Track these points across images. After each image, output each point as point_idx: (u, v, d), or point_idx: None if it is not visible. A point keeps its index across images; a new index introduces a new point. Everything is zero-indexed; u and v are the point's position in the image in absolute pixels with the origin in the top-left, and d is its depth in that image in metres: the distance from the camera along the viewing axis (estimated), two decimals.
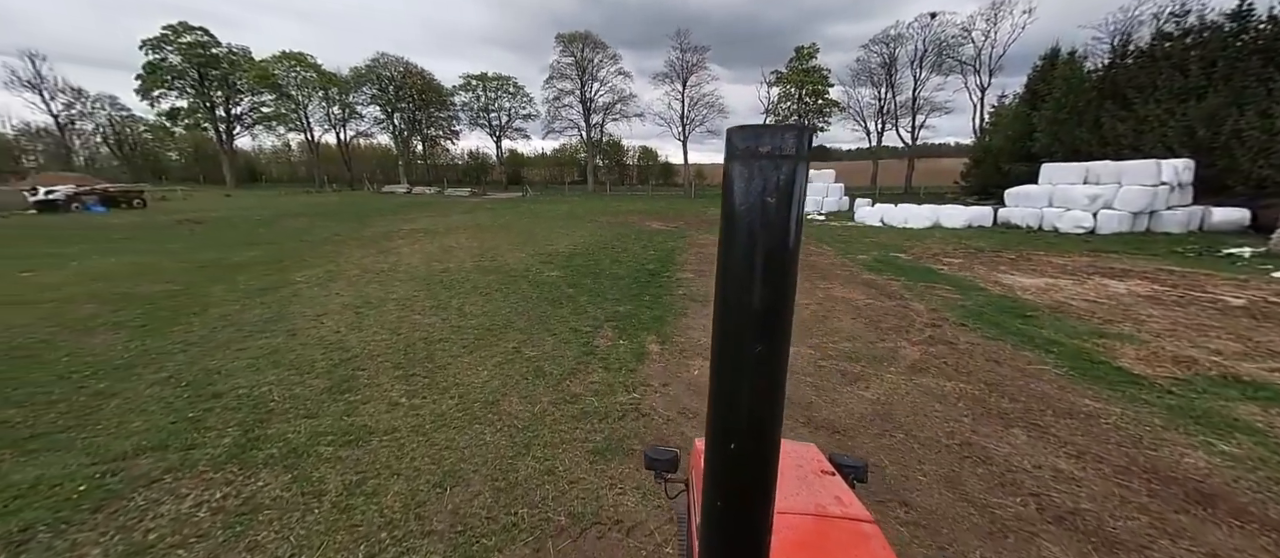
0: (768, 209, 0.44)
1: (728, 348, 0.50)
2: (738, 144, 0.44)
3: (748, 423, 0.50)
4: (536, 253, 11.52)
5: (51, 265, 9.99)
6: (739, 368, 0.49)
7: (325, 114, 53.64)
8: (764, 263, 0.45)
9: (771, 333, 0.47)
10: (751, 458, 0.52)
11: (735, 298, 0.47)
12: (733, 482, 0.54)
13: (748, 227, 0.45)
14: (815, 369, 4.60)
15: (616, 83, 42.84)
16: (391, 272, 9.40)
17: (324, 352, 5.20)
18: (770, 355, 0.48)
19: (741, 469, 0.52)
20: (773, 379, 0.49)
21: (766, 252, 0.45)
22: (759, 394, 0.49)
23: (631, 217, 21.24)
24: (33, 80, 51.08)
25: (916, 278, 8.53)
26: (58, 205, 21.15)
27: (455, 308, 6.93)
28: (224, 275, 9.05)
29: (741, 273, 0.46)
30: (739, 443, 0.51)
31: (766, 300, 0.46)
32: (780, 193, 0.43)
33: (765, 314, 0.46)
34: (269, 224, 18.15)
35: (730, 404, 0.51)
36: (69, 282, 8.52)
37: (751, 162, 0.43)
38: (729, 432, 0.51)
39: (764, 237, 0.44)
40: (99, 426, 3.66)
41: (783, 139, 0.42)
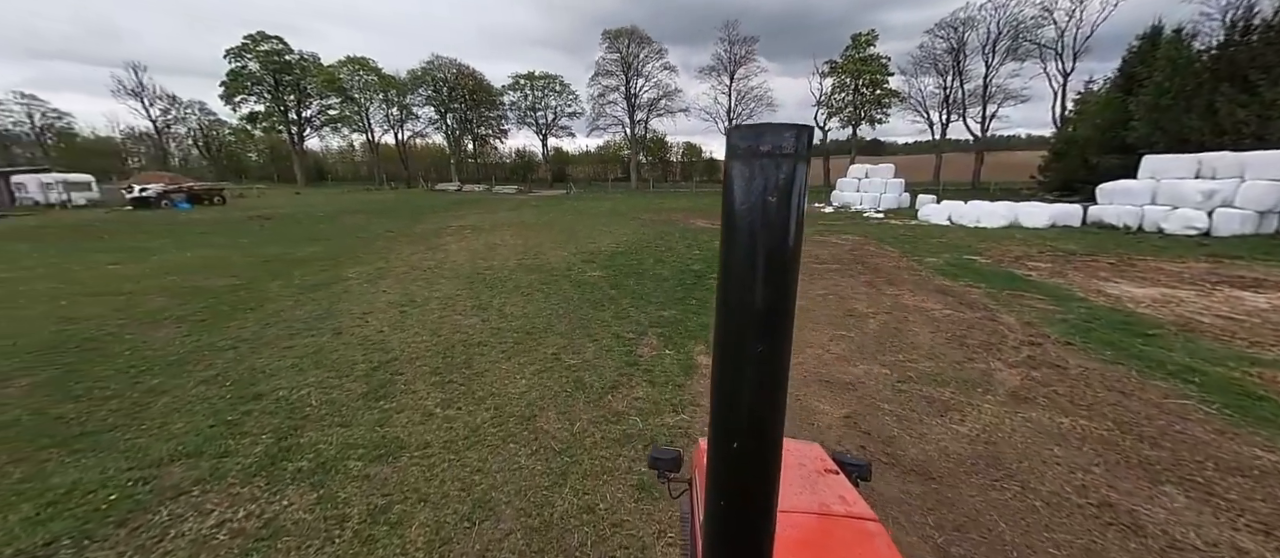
0: (769, 208, 0.43)
1: (730, 347, 0.49)
2: (738, 143, 0.44)
3: (750, 422, 0.50)
4: (579, 251, 11.29)
5: (135, 258, 10.76)
6: (741, 367, 0.48)
7: (385, 115, 56.34)
8: (765, 262, 0.44)
9: (773, 332, 0.46)
10: (754, 457, 0.51)
11: (737, 297, 0.46)
12: (735, 481, 0.53)
13: (749, 226, 0.44)
14: (894, 394, 3.99)
15: (662, 78, 42.36)
16: (437, 269, 9.42)
17: (365, 352, 5.10)
18: (772, 354, 0.47)
19: (744, 468, 0.52)
20: (775, 378, 0.49)
21: (768, 251, 0.44)
22: (761, 393, 0.49)
23: (675, 214, 20.74)
24: (136, 89, 56.78)
25: (999, 284, 7.57)
26: (150, 202, 23.25)
27: (496, 308, 6.75)
28: (283, 271, 9.37)
29: (743, 272, 0.46)
30: (741, 442, 0.50)
31: (768, 300, 0.45)
32: (781, 192, 0.42)
33: (767, 313, 0.46)
34: (330, 220, 19.04)
35: (732, 403, 0.50)
36: (147, 274, 9.07)
37: (752, 161, 0.43)
38: (731, 431, 0.51)
39: (765, 236, 0.44)
40: (144, 425, 3.64)
41: (782, 138, 0.42)
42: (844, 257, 10.29)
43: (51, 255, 11.20)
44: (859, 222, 17.08)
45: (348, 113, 55.46)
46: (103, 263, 10.17)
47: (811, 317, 6.14)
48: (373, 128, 57.25)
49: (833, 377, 4.33)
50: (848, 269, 8.99)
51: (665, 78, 42.89)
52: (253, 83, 52.65)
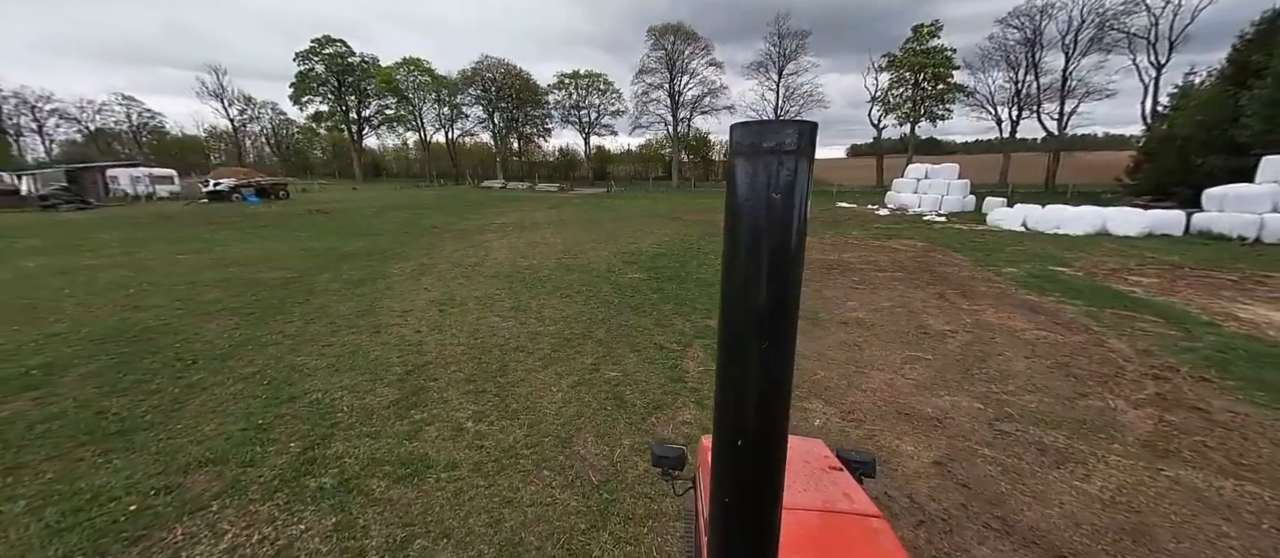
0: (772, 206, 0.43)
1: (734, 345, 0.49)
2: (741, 140, 0.44)
3: (754, 420, 0.49)
4: (619, 252, 10.96)
5: (202, 249, 11.34)
6: (745, 365, 0.48)
7: (437, 115, 58.49)
8: (769, 260, 0.44)
9: (777, 330, 0.46)
10: (758, 454, 0.51)
11: (740, 295, 0.46)
12: (740, 478, 0.53)
13: (752, 223, 0.44)
14: (993, 435, 3.36)
15: (707, 74, 41.47)
16: (478, 267, 9.34)
17: (401, 354, 4.94)
18: (776, 352, 0.47)
19: (748, 466, 0.51)
20: (779, 375, 0.48)
21: (771, 248, 0.44)
22: (765, 391, 0.48)
23: (718, 215, 19.94)
24: (216, 91, 61.65)
25: (1098, 302, 6.60)
26: (223, 195, 24.96)
27: (534, 310, 6.50)
28: (332, 264, 9.56)
29: (747, 270, 0.45)
30: (746, 440, 0.50)
31: (772, 297, 0.45)
32: (784, 189, 0.43)
33: (771, 311, 0.45)
34: (381, 215, 19.67)
35: (737, 401, 0.50)
36: (209, 265, 9.48)
37: (755, 158, 0.43)
38: (735, 428, 0.50)
39: (768, 233, 0.44)
40: (178, 425, 3.56)
41: (786, 135, 0.42)
42: (908, 264, 9.43)
43: (131, 245, 12.00)
44: (919, 225, 15.88)
45: (403, 112, 57.95)
46: (173, 254, 10.76)
47: (878, 333, 5.50)
48: (425, 126, 59.55)
49: (912, 409, 3.74)
50: (914, 279, 8.18)
51: (710, 74, 42.09)
52: (318, 84, 55.84)
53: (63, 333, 5.50)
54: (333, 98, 56.69)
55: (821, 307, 6.57)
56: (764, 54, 38.95)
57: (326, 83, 55.73)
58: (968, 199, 21.22)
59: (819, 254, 10.63)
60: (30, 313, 6.28)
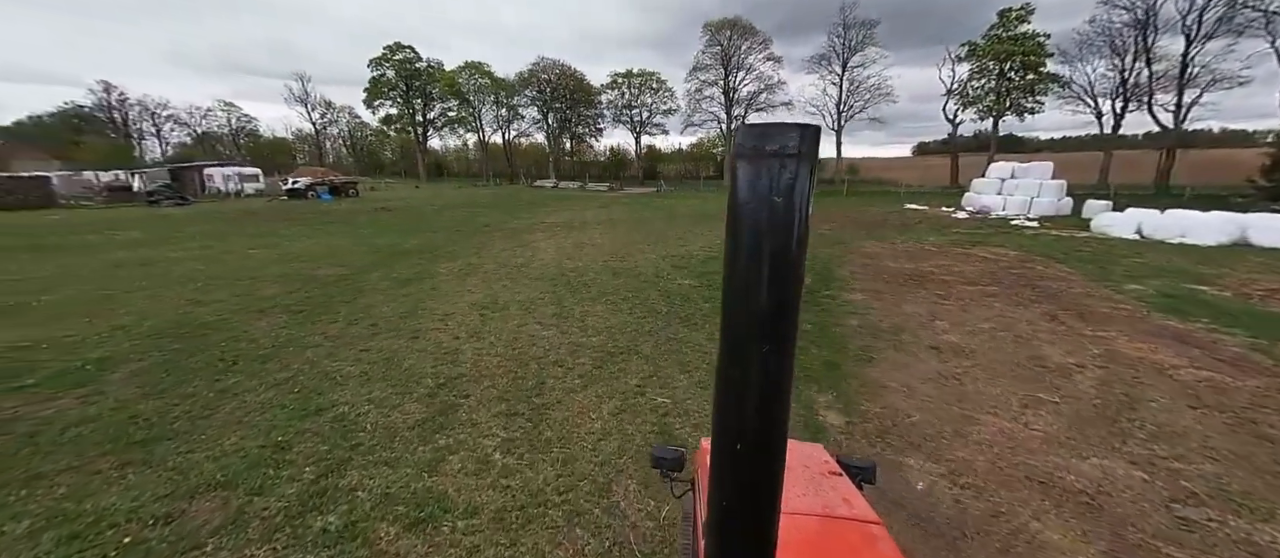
0: (774, 209, 0.43)
1: (734, 348, 0.49)
2: (744, 143, 0.43)
3: (754, 423, 0.49)
4: (668, 255, 10.37)
5: (272, 244, 11.90)
6: (745, 368, 0.48)
7: (495, 116, 60.49)
8: (770, 263, 0.44)
9: (778, 333, 0.46)
10: (758, 458, 0.50)
11: (742, 298, 0.46)
12: (739, 482, 0.52)
13: (754, 226, 0.44)
14: (1178, 528, 2.47)
15: (764, 70, 39.72)
16: (524, 268, 9.08)
17: (435, 364, 4.62)
18: (777, 355, 0.46)
19: (747, 470, 0.51)
20: (779, 379, 0.48)
21: (773, 252, 0.44)
22: (765, 394, 0.48)
23: None
24: (301, 96, 67.10)
25: (1266, 332, 5.26)
26: (300, 192, 26.78)
27: (577, 318, 6.06)
28: (385, 262, 9.65)
29: (748, 273, 0.45)
30: (745, 443, 0.50)
31: (773, 301, 0.45)
32: (786, 192, 0.42)
33: (772, 314, 0.45)
34: (439, 213, 20.21)
35: (736, 404, 0.49)
36: (275, 260, 9.83)
37: (758, 161, 0.42)
38: (735, 432, 0.50)
39: (770, 237, 0.43)
40: (201, 436, 3.37)
41: (789, 138, 0.41)
42: (1002, 276, 8.19)
43: (211, 239, 12.84)
44: (1007, 231, 14.14)
45: (464, 115, 60.36)
46: (245, 248, 11.34)
47: (981, 363, 4.58)
48: (484, 128, 61.73)
49: (1048, 475, 2.90)
50: (1014, 294, 7.02)
51: (768, 70, 40.38)
52: (389, 88, 59.22)
53: (127, 326, 5.67)
54: (401, 101, 59.93)
55: (904, 326, 5.67)
56: (827, 46, 36.83)
57: (396, 87, 58.99)
58: (1063, 201, 18.83)
59: (893, 262, 9.53)
60: (106, 304, 6.60)
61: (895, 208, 22.04)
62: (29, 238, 13.09)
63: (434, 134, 64.82)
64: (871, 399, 3.87)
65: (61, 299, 6.87)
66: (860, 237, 13.03)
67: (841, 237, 12.99)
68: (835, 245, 11.60)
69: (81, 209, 22.42)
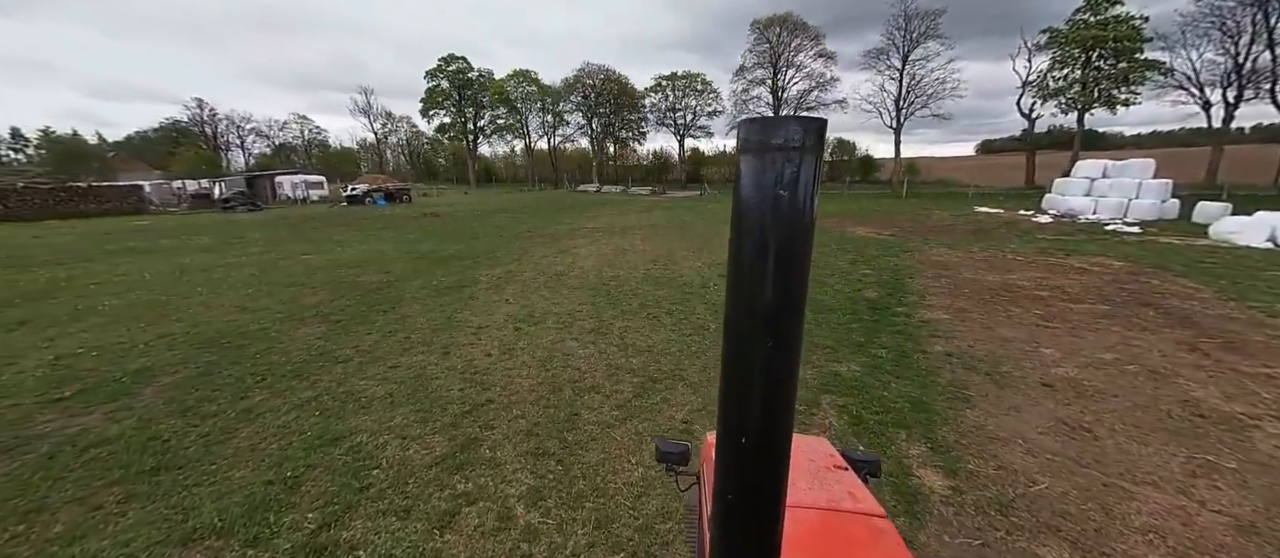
0: (779, 203, 0.43)
1: (739, 342, 0.48)
2: (748, 137, 0.44)
3: (759, 417, 0.49)
4: (715, 262, 9.71)
5: (325, 250, 12.24)
6: (750, 362, 0.47)
7: (541, 123, 61.79)
8: (775, 258, 0.44)
9: (783, 328, 0.46)
10: (763, 452, 0.50)
11: (747, 292, 0.46)
12: (744, 476, 0.52)
13: (758, 221, 0.44)
14: None
15: (815, 68, 37.89)
16: (563, 276, 8.72)
17: (463, 386, 4.26)
18: (782, 350, 0.46)
19: (753, 463, 0.51)
20: (784, 373, 0.48)
21: (778, 246, 0.44)
22: (770, 389, 0.48)
23: (826, 220, 17.85)
24: (364, 108, 71.31)
25: None
26: (358, 199, 28.13)
27: (616, 334, 5.57)
28: (427, 269, 9.59)
29: (753, 267, 0.45)
30: (750, 437, 0.50)
31: (778, 295, 0.45)
32: (791, 186, 0.42)
33: (777, 309, 0.45)
34: (483, 219, 20.47)
35: (741, 399, 0.49)
36: (325, 266, 10.01)
37: (763, 155, 0.43)
38: (740, 426, 0.50)
39: (775, 231, 0.43)
40: (212, 466, 3.13)
41: (793, 131, 0.42)
42: (1113, 293, 6.99)
43: (271, 245, 13.42)
44: (1103, 238, 12.44)
45: (512, 122, 62.05)
46: (299, 254, 11.70)
47: (1114, 409, 3.68)
48: (530, 134, 63.21)
49: None
50: (1133, 317, 5.89)
51: (819, 67, 38.56)
52: (443, 98, 61.82)
53: (173, 334, 5.72)
54: (454, 110, 62.38)
55: (1003, 355, 4.78)
56: (885, 39, 34.48)
57: (449, 97, 61.47)
58: (1167, 204, 16.54)
59: (973, 273, 8.44)
60: (161, 310, 6.78)
61: (964, 211, 20.24)
62: (119, 241, 14.21)
63: (484, 141, 67.02)
64: (980, 455, 3.10)
65: (125, 304, 7.14)
66: (929, 243, 11.83)
67: (907, 243, 11.83)
68: (901, 253, 10.53)
69: (168, 215, 24.51)
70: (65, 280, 8.75)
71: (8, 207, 20.21)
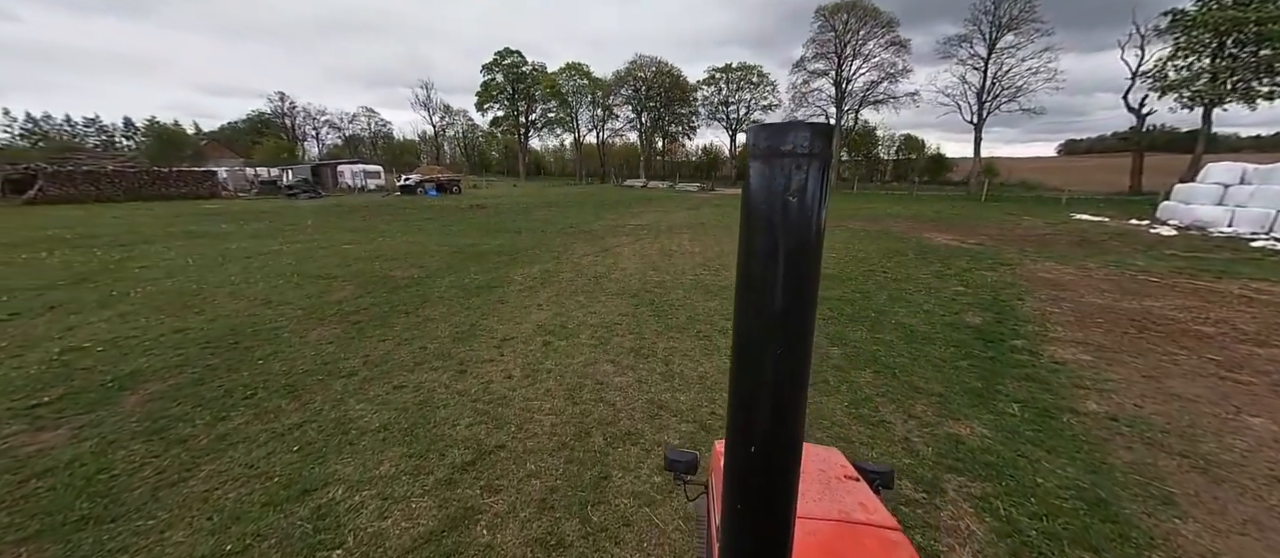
0: (789, 209, 0.43)
1: (748, 350, 0.48)
2: (758, 143, 0.44)
3: (769, 426, 0.49)
4: None
5: (367, 240, 12.08)
6: (760, 370, 0.47)
7: (590, 117, 61.69)
8: (785, 264, 0.44)
9: (793, 335, 0.46)
10: (772, 462, 0.50)
11: (756, 299, 0.46)
12: (753, 485, 0.52)
13: (768, 227, 0.44)
14: None
15: (885, 57, 34.87)
16: (603, 278, 7.90)
17: (471, 423, 3.49)
18: (792, 358, 0.46)
19: (762, 473, 0.50)
20: (794, 381, 0.47)
21: (788, 253, 0.44)
22: (780, 397, 0.47)
23: (896, 223, 16.07)
24: (424, 102, 74.05)
25: None
26: (411, 189, 28.75)
27: (660, 357, 4.66)
28: (462, 264, 9.06)
29: (763, 274, 0.45)
30: (760, 446, 0.49)
31: (788, 302, 0.45)
32: (801, 192, 0.42)
33: (786, 316, 0.45)
34: (527, 212, 20.11)
35: (751, 407, 0.49)
36: (361, 257, 9.72)
37: (773, 161, 0.43)
38: (749, 435, 0.50)
39: (785, 238, 0.44)
40: (148, 523, 2.49)
41: (803, 137, 0.42)
42: None
43: (320, 231, 13.48)
44: (1252, 257, 10.18)
45: (563, 116, 62.37)
46: (342, 242, 11.57)
47: None
48: (580, 128, 63.31)
49: None
50: None
51: (890, 57, 35.48)
52: (497, 92, 62.99)
53: (187, 329, 5.36)
54: (507, 103, 63.46)
55: (1191, 423, 3.46)
56: (969, 24, 31.01)
57: (504, 90, 62.56)
58: None
59: (1098, 297, 6.87)
60: (188, 299, 6.52)
61: (1058, 218, 17.77)
62: (182, 224, 14.81)
63: (534, 135, 67.84)
64: None
65: (158, 291, 6.98)
66: (1029, 256, 10.08)
67: (1003, 255, 10.14)
68: (998, 267, 8.94)
69: (238, 200, 25.96)
70: (115, 263, 8.87)
71: (99, 189, 22.03)
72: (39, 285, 7.15)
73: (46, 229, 13.58)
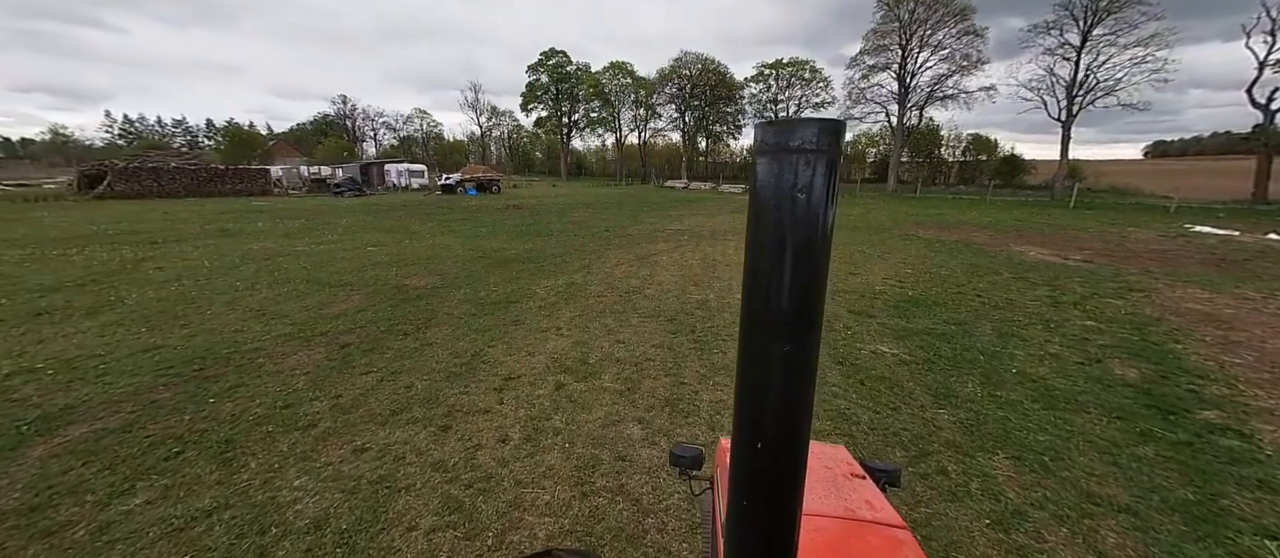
0: (797, 205, 0.43)
1: (755, 346, 0.47)
2: (766, 140, 0.44)
3: (775, 423, 0.48)
4: (841, 290, 7.20)
5: (395, 241, 11.56)
6: (767, 367, 0.47)
7: (633, 116, 60.95)
8: (793, 261, 0.44)
9: (801, 331, 0.45)
10: (779, 459, 0.49)
11: (764, 296, 0.46)
12: (759, 482, 0.51)
13: (776, 223, 0.44)
14: None
15: (959, 47, 31.63)
16: (637, 294, 6.82)
17: (434, 525, 2.50)
18: (799, 354, 0.46)
19: (768, 470, 0.49)
20: (802, 379, 0.47)
21: (795, 250, 0.44)
22: (787, 394, 0.47)
23: (973, 231, 14.10)
24: (473, 103, 75.85)
25: None
26: (451, 188, 28.81)
27: (705, 416, 3.54)
28: (483, 274, 8.24)
29: (770, 271, 0.45)
30: (765, 442, 0.48)
31: (796, 299, 0.45)
32: (809, 189, 0.42)
33: (794, 313, 0.45)
34: (563, 213, 19.37)
35: (757, 404, 0.48)
36: (382, 261, 9.10)
37: (781, 157, 0.43)
38: (756, 432, 0.49)
39: (793, 234, 0.43)
40: None
41: (812, 134, 0.42)
42: None
43: (351, 231, 13.16)
44: None
45: (605, 115, 62.00)
46: (368, 243, 11.09)
47: None
48: (622, 127, 62.71)
49: None
50: None
51: (963, 48, 31.95)
52: (541, 91, 63.44)
53: (160, 347, 4.70)
54: (551, 103, 63.80)
55: None
56: (1061, 9, 27.22)
57: (547, 90, 62.93)
58: None
59: (1253, 335, 5.11)
60: (179, 309, 5.97)
61: (1172, 229, 15.14)
62: (221, 222, 14.92)
63: (576, 135, 67.92)
64: None
65: (156, 297, 6.50)
66: (1159, 279, 8.16)
67: (1124, 277, 8.26)
68: (1126, 293, 7.17)
69: (288, 197, 26.77)
70: (134, 264, 8.63)
71: (162, 185, 23.19)
72: (44, 287, 6.86)
73: (96, 224, 13.99)
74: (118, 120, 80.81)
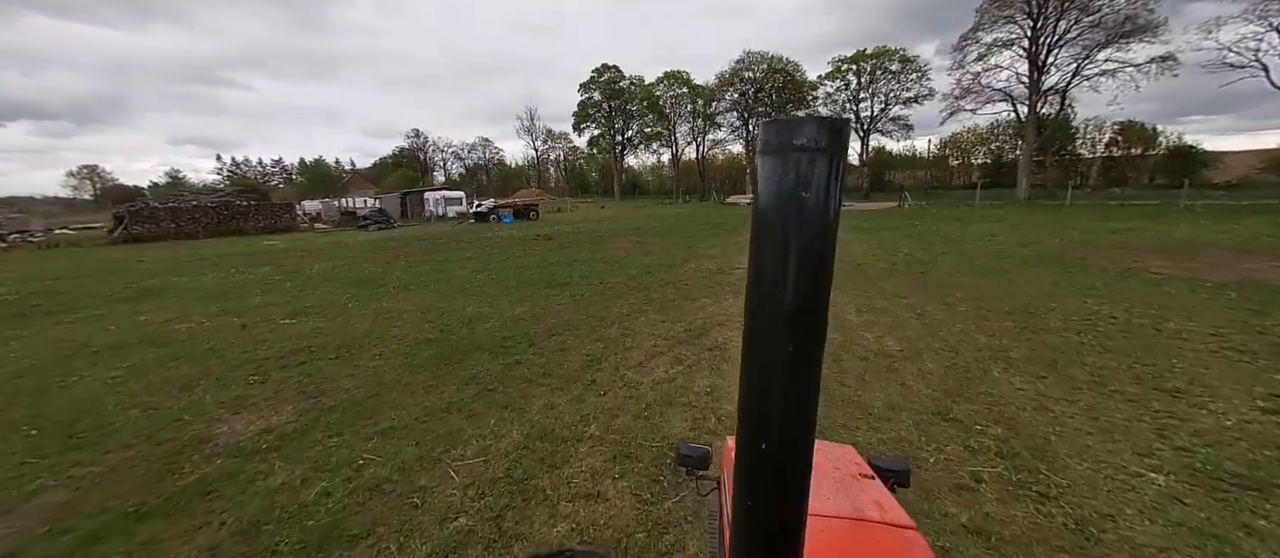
0: (801, 205, 0.43)
1: (760, 346, 0.48)
2: (770, 138, 0.44)
3: (780, 423, 0.48)
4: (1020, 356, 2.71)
5: (371, 298, 8.33)
6: (771, 367, 0.47)
7: (690, 128, 57.37)
8: (797, 261, 0.44)
9: (805, 331, 0.46)
10: (784, 458, 0.49)
11: (767, 295, 0.46)
12: (765, 482, 0.51)
13: (780, 223, 0.44)
14: None
15: (1122, 3, 23.66)
16: (672, 404, 2.79)
17: None
18: (803, 354, 0.46)
19: (774, 470, 0.50)
20: (807, 378, 0.47)
21: (800, 249, 0.44)
22: (792, 393, 0.47)
23: (1151, 259, 8.69)
24: (528, 128, 76.37)
25: None
26: (485, 216, 26.48)
27: None
28: (402, 389, 4.61)
29: (774, 270, 0.45)
30: (771, 443, 0.49)
31: (800, 298, 0.45)
32: (814, 189, 0.43)
33: (798, 312, 0.45)
34: (601, 244, 15.78)
35: (762, 403, 0.49)
36: (326, 340, 5.71)
37: (785, 156, 0.43)
38: (761, 431, 0.49)
39: (797, 234, 0.44)
40: None
41: (817, 132, 0.42)
42: None
43: (322, 281, 10.23)
44: None
45: (660, 130, 59.00)
46: (337, 302, 7.84)
47: None
48: (678, 141, 59.30)
49: None
50: None
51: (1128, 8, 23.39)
52: (594, 109, 61.75)
53: None
54: (604, 121, 61.89)
55: None
56: None
57: (600, 108, 61.11)
58: None
59: None
60: None
61: None
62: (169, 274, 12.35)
63: (630, 152, 65.44)
64: None
65: None
66: None
67: None
68: None
69: (309, 232, 25.58)
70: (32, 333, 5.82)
71: (179, 225, 22.58)
72: None
73: (60, 276, 12.22)
74: (226, 163, 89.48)
